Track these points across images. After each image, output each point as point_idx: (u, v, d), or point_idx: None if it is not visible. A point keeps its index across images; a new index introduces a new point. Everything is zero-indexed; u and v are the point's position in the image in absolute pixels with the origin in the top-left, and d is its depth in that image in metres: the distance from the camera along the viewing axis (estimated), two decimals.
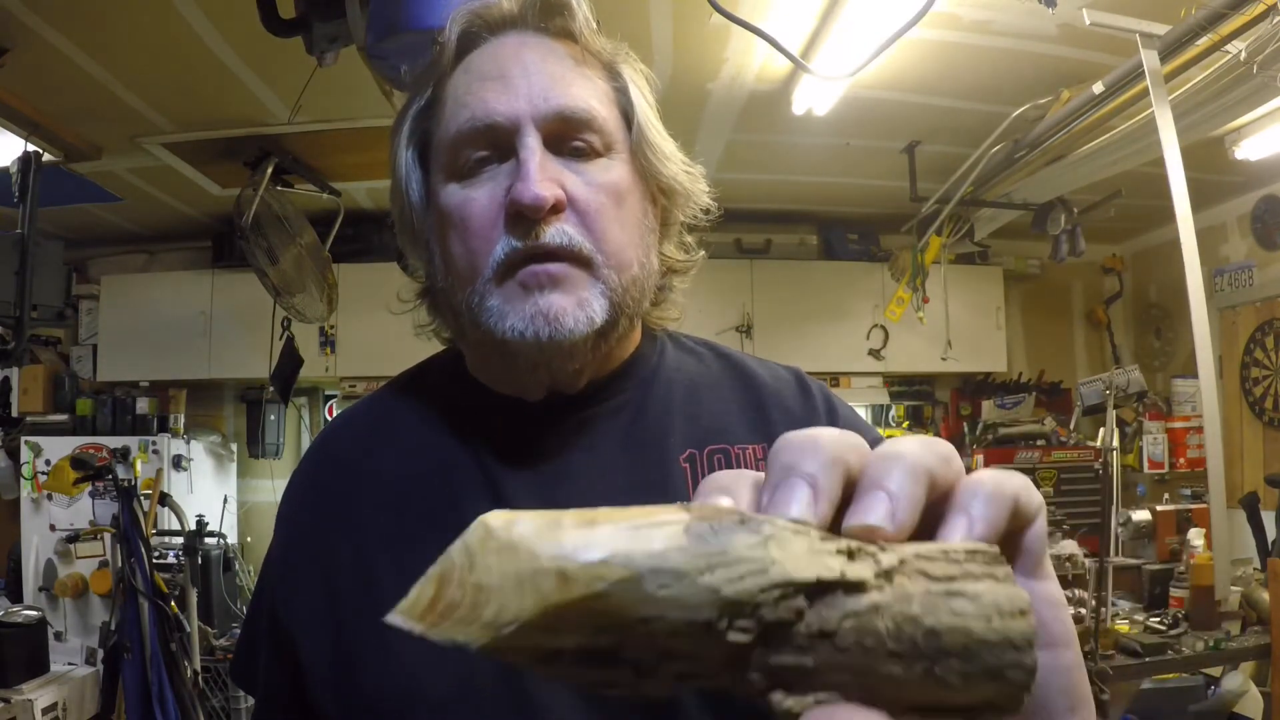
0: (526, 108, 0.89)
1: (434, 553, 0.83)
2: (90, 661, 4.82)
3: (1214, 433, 3.19)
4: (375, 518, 0.96)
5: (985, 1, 3.06)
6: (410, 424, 1.02)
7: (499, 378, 0.99)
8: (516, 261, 0.88)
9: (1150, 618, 3.56)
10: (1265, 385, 5.09)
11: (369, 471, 0.99)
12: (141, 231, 5.66)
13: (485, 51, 0.93)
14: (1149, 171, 3.62)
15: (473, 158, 0.90)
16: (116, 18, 3.02)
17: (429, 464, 0.98)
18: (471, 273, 0.90)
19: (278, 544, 1.04)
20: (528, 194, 0.85)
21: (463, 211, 0.90)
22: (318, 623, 0.94)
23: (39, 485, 5.05)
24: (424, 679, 0.88)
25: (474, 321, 0.91)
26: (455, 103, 0.92)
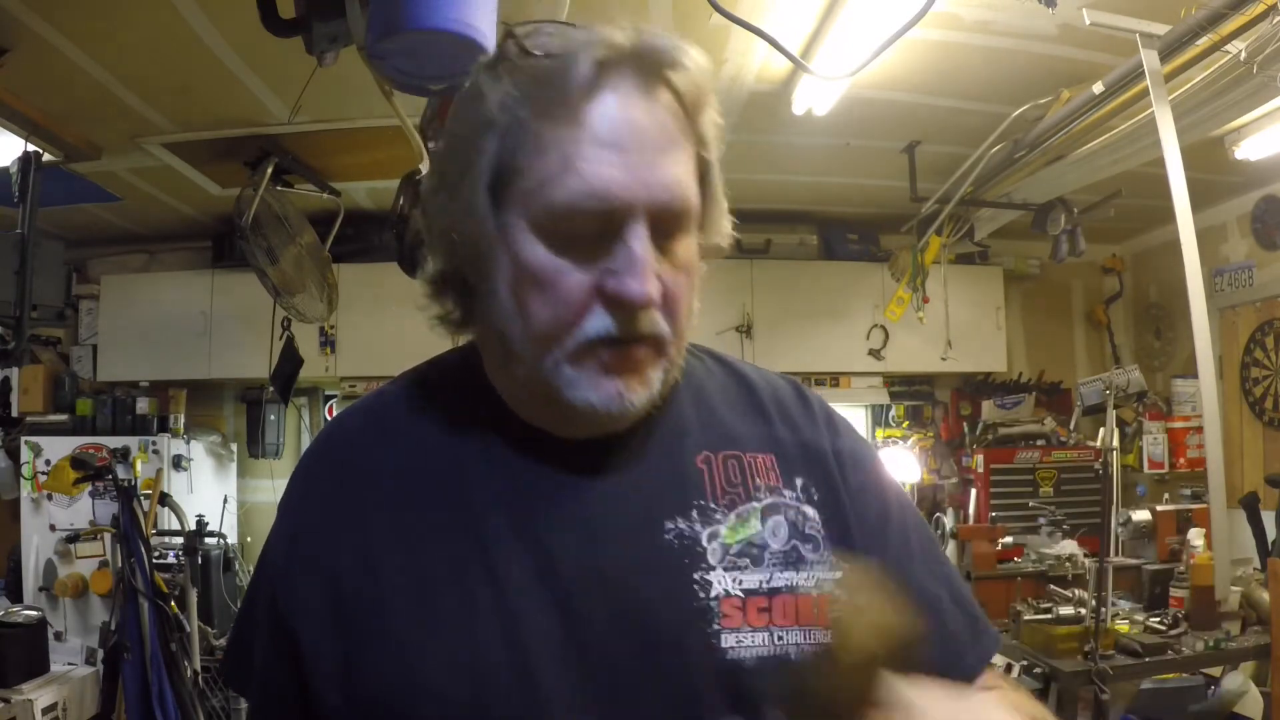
0: (641, 194, 0.87)
1: (443, 553, 0.85)
2: (90, 661, 4.82)
3: (1214, 433, 3.19)
4: (382, 517, 0.95)
5: (985, 1, 3.06)
6: (420, 425, 1.01)
7: (535, 414, 0.98)
8: (602, 341, 0.89)
9: (1150, 618, 3.56)
10: (1265, 385, 5.09)
11: (376, 470, 0.98)
12: (141, 231, 5.66)
13: (602, 106, 0.87)
14: (1149, 171, 3.62)
15: (577, 232, 0.88)
16: (116, 18, 3.02)
17: (441, 466, 0.97)
18: (552, 338, 0.90)
19: (279, 541, 1.02)
20: (638, 293, 0.86)
21: (555, 280, 0.89)
22: (322, 620, 0.93)
23: (39, 485, 5.05)
24: (435, 679, 0.88)
25: (539, 377, 0.92)
26: (564, 158, 0.87)
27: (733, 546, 0.95)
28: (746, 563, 0.94)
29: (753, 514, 0.97)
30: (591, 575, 0.91)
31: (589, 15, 3.02)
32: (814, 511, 1.00)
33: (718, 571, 0.93)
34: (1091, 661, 3.17)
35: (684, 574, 0.92)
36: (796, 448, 1.04)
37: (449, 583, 0.91)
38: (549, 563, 0.91)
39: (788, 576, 0.95)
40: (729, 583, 0.93)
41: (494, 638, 0.88)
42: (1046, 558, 3.97)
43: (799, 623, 0.94)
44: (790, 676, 0.90)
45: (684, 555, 0.93)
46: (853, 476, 1.05)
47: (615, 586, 0.91)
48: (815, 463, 1.04)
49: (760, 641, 0.92)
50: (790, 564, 0.96)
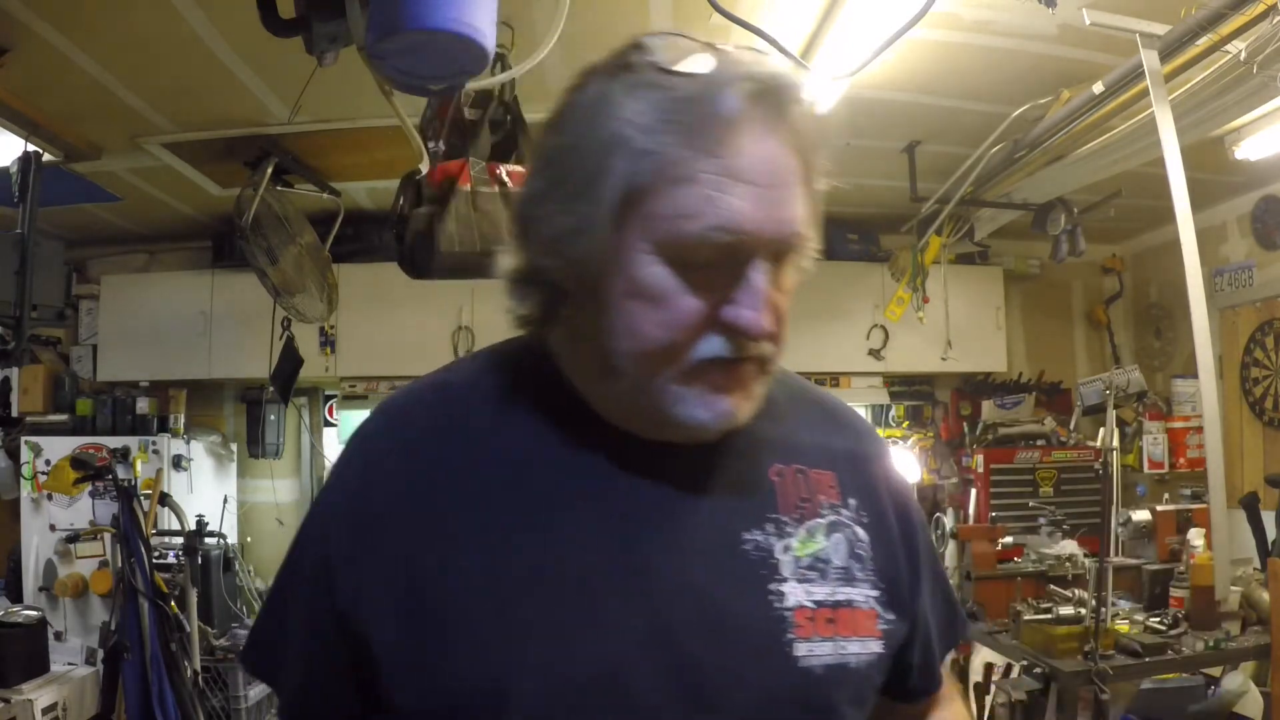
0: (769, 230, 0.88)
1: (527, 553, 0.87)
2: (90, 661, 4.82)
3: (1214, 433, 3.19)
4: (457, 509, 0.94)
5: (985, 1, 3.06)
6: (493, 418, 1.00)
7: (626, 420, 0.98)
8: (714, 363, 0.90)
9: (1150, 618, 3.56)
10: (1265, 385, 5.09)
11: (448, 459, 0.97)
12: (141, 231, 5.66)
13: (742, 140, 0.87)
14: (1149, 171, 3.62)
15: (700, 259, 0.88)
16: (116, 18, 3.02)
17: (519, 463, 0.97)
18: (663, 358, 0.91)
19: (338, 524, 0.99)
20: (757, 325, 0.88)
21: (672, 302, 0.89)
22: (394, 615, 0.92)
23: (39, 485, 5.05)
24: (522, 683, 0.88)
25: (644, 392, 0.93)
26: (701, 189, 0.86)
27: (802, 559, 0.98)
28: (815, 576, 0.98)
29: (819, 529, 1.01)
30: (678, 583, 0.93)
31: (589, 15, 3.00)
32: (864, 533, 1.04)
33: (790, 583, 0.96)
34: (1091, 661, 3.17)
35: (761, 585, 0.95)
36: (851, 470, 1.09)
37: (534, 584, 0.91)
38: (637, 569, 0.92)
39: (846, 591, 1.00)
40: (801, 594, 0.96)
41: (583, 642, 0.89)
42: (1046, 558, 3.96)
43: (857, 634, 0.98)
44: (851, 684, 0.97)
45: (760, 566, 0.96)
46: (896, 509, 1.10)
47: (700, 595, 0.93)
48: (867, 488, 1.08)
49: (827, 651, 0.95)
50: (848, 580, 1.00)
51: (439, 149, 2.98)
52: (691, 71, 0.87)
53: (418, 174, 2.85)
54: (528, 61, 2.52)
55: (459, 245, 2.75)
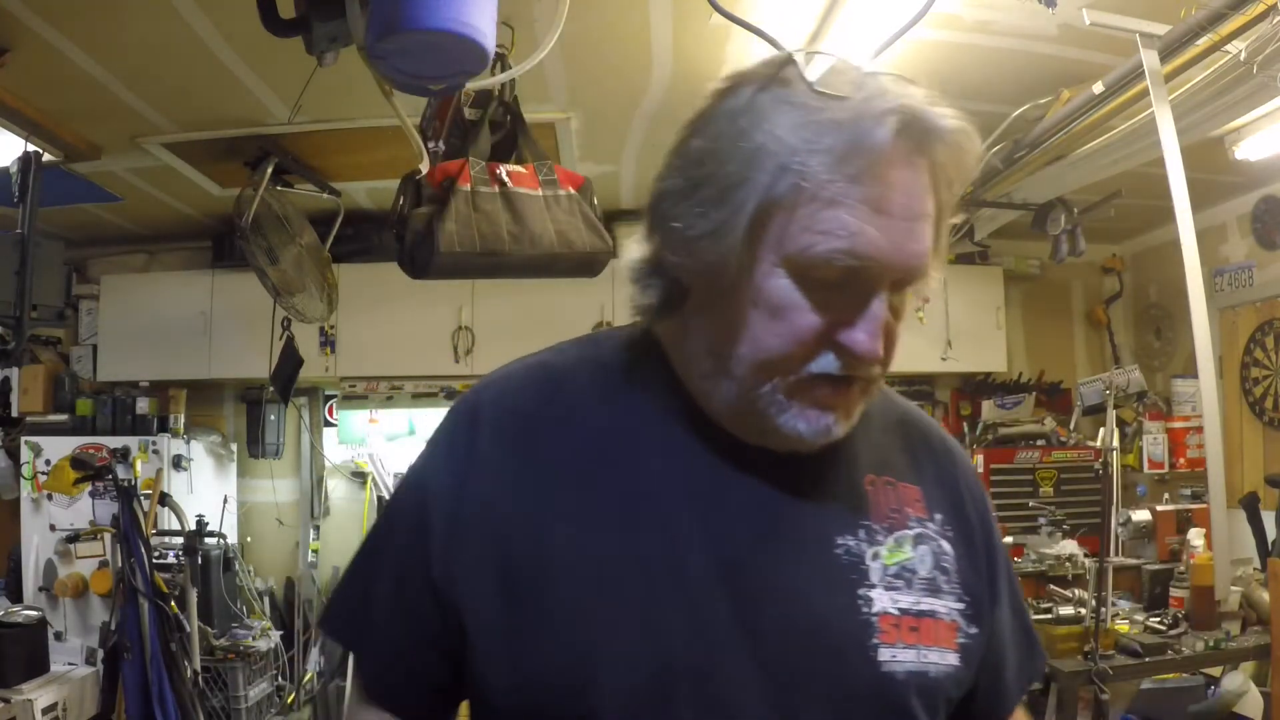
0: (896, 262, 0.89)
1: (626, 539, 0.94)
2: (90, 661, 4.82)
3: (1214, 433, 3.19)
4: (559, 489, 0.97)
5: (986, 1, 3.06)
6: (600, 405, 1.03)
7: (728, 421, 1.00)
8: (822, 379, 0.93)
9: (1150, 618, 3.56)
10: (1265, 385, 5.09)
11: (554, 440, 1.00)
12: (141, 231, 5.66)
13: (885, 171, 0.88)
14: (1149, 171, 3.62)
15: (825, 279, 0.90)
16: (116, 18, 3.02)
17: (625, 451, 1.00)
18: (775, 369, 0.93)
19: (440, 495, 1.01)
20: (871, 351, 0.90)
21: (792, 317, 0.91)
22: (492, 591, 0.95)
23: (39, 485, 5.06)
24: (614, 667, 0.91)
25: (751, 398, 0.95)
26: (837, 213, 0.87)
27: (890, 568, 1.00)
28: (901, 584, 1.00)
29: (907, 540, 1.03)
30: (771, 581, 0.95)
31: (589, 15, 3.02)
32: (949, 547, 1.06)
33: (878, 590, 0.98)
34: (1091, 661, 3.17)
35: (850, 589, 0.97)
36: (938, 485, 1.11)
37: (628, 574, 0.93)
38: (731, 565, 0.94)
39: (930, 602, 1.01)
40: (887, 601, 0.98)
41: (678, 632, 0.91)
42: (1046, 558, 3.96)
43: (937, 644, 1.00)
44: (928, 692, 0.98)
45: (850, 571, 0.98)
46: (980, 526, 1.13)
47: (791, 594, 0.95)
48: (953, 505, 1.11)
49: (909, 658, 0.97)
50: (932, 591, 1.02)
51: (439, 149, 2.99)
52: (845, 96, 0.88)
53: (418, 174, 2.85)
54: (528, 61, 2.52)
55: (459, 245, 2.75)
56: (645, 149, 4.48)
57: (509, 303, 5.29)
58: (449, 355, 5.48)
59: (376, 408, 5.88)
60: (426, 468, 1.05)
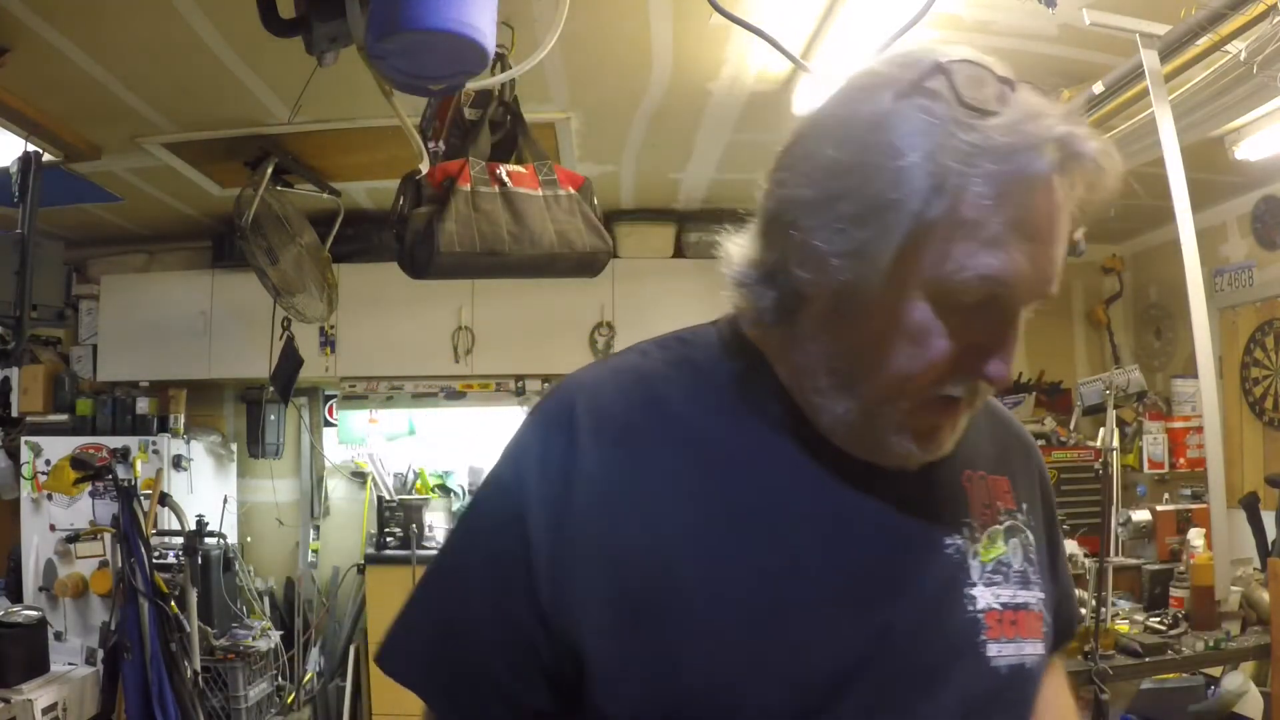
0: (1036, 289, 0.89)
1: (749, 554, 0.92)
2: (90, 661, 4.82)
3: (1214, 433, 3.19)
4: (672, 511, 0.92)
5: (986, 1, 3.06)
6: (702, 413, 0.98)
7: (834, 430, 0.97)
8: (945, 400, 0.92)
9: (1150, 618, 3.56)
10: (1265, 385, 5.08)
11: (658, 448, 0.95)
12: (141, 231, 5.66)
13: (1036, 199, 0.86)
14: (1149, 171, 3.61)
15: (966, 303, 0.87)
16: (116, 18, 3.02)
17: (734, 463, 0.96)
18: (901, 390, 0.90)
19: (538, 526, 0.92)
20: (1002, 376, 0.89)
21: (928, 341, 0.88)
22: (609, 619, 0.89)
23: (39, 485, 5.06)
24: (752, 684, 0.88)
25: (868, 413, 0.93)
26: (986, 239, 0.85)
27: (988, 564, 1.00)
28: (999, 579, 1.00)
29: (1000, 534, 1.03)
30: (894, 587, 0.94)
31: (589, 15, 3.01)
32: (1033, 537, 1.07)
33: (979, 586, 0.98)
34: (1091, 661, 3.17)
35: (959, 588, 0.97)
36: (1022, 475, 1.12)
37: (763, 588, 0.91)
38: (858, 574, 0.93)
39: (1023, 595, 1.02)
40: (989, 597, 0.98)
41: (815, 646, 0.90)
42: None
43: (1031, 635, 1.00)
44: (1029, 683, 1.00)
45: (957, 570, 0.98)
46: (1052, 520, 1.14)
47: (913, 598, 0.94)
48: (1032, 493, 1.12)
49: (1011, 651, 0.97)
50: (1023, 583, 1.02)
51: (439, 149, 2.99)
52: (995, 111, 0.84)
53: (418, 174, 2.85)
54: (528, 61, 2.52)
55: (459, 245, 2.75)
56: (645, 149, 4.48)
57: (509, 303, 5.29)
58: (449, 355, 5.49)
59: (376, 408, 5.88)
60: (518, 477, 0.96)
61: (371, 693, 5.31)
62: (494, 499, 0.99)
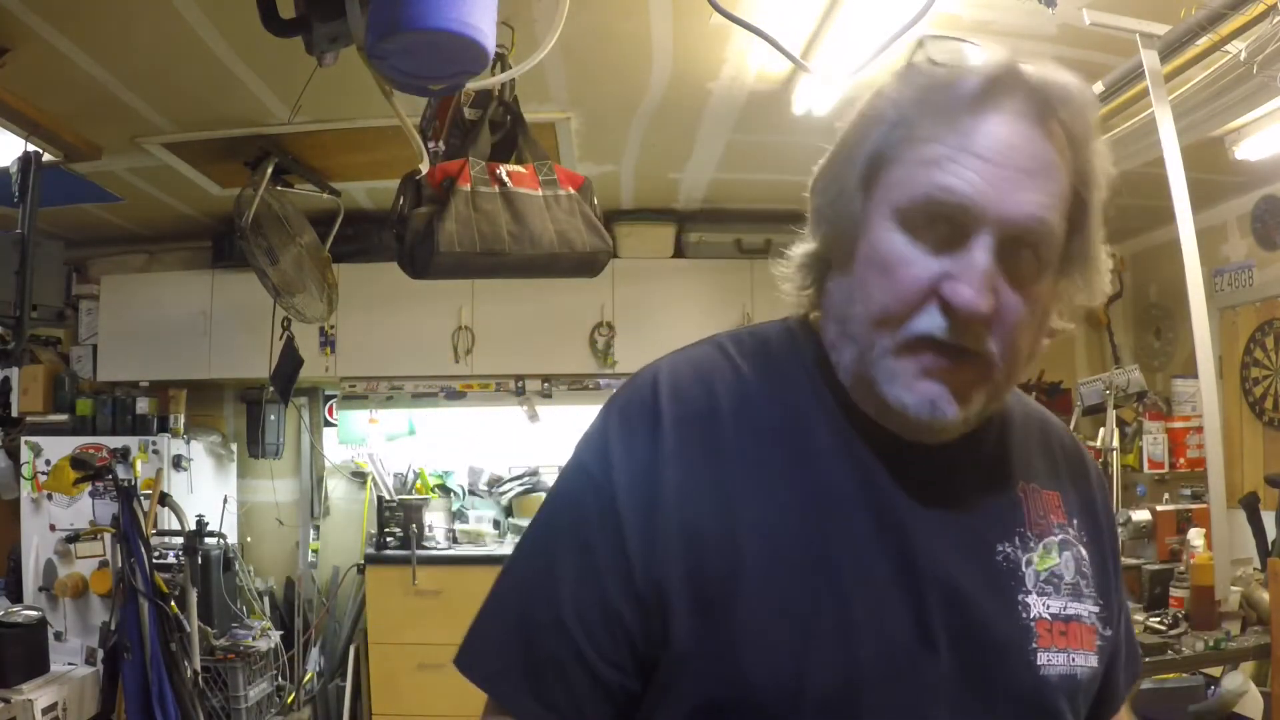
0: (996, 205, 0.89)
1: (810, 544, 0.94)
2: (90, 661, 4.82)
3: (1214, 433, 3.19)
4: (742, 492, 0.95)
5: (986, 1, 3.06)
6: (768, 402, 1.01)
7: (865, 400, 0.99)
8: (929, 342, 0.92)
9: (1150, 618, 3.56)
10: (1265, 385, 5.08)
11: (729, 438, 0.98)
12: (141, 231, 5.67)
13: (982, 120, 0.91)
14: (1149, 171, 3.61)
15: (926, 221, 0.92)
16: (117, 17, 3.02)
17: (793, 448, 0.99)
18: (884, 324, 0.93)
19: (632, 497, 0.96)
20: (968, 300, 0.89)
21: (899, 268, 0.92)
22: (685, 598, 0.92)
23: (39, 485, 5.06)
24: (811, 672, 0.90)
25: (863, 361, 0.96)
26: (934, 155, 0.91)
27: (1041, 574, 1.02)
28: (1051, 590, 1.01)
29: (1054, 546, 1.04)
30: (944, 585, 0.95)
31: (589, 15, 3.01)
32: (1085, 552, 1.08)
33: (1033, 595, 1.00)
34: None
35: (1011, 595, 0.99)
36: (1074, 489, 1.12)
37: (821, 579, 0.93)
38: (907, 569, 0.95)
39: (1075, 606, 1.03)
40: (1040, 606, 1.00)
41: (869, 638, 0.92)
42: None
43: (1082, 647, 1.02)
44: (1078, 694, 1.01)
45: (1009, 577, 1.00)
46: (1108, 529, 1.15)
47: (962, 598, 0.95)
48: (1088, 511, 1.12)
49: (1061, 661, 0.99)
50: (1075, 595, 1.04)
51: (439, 149, 2.99)
52: (953, 63, 0.94)
53: (417, 174, 2.85)
54: (528, 61, 2.52)
55: (458, 245, 2.75)
56: (645, 149, 4.48)
57: (509, 303, 5.29)
58: (449, 355, 5.49)
59: (376, 408, 5.88)
60: (604, 467, 0.98)
61: (371, 693, 5.30)
62: (581, 490, 1.00)
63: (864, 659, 0.91)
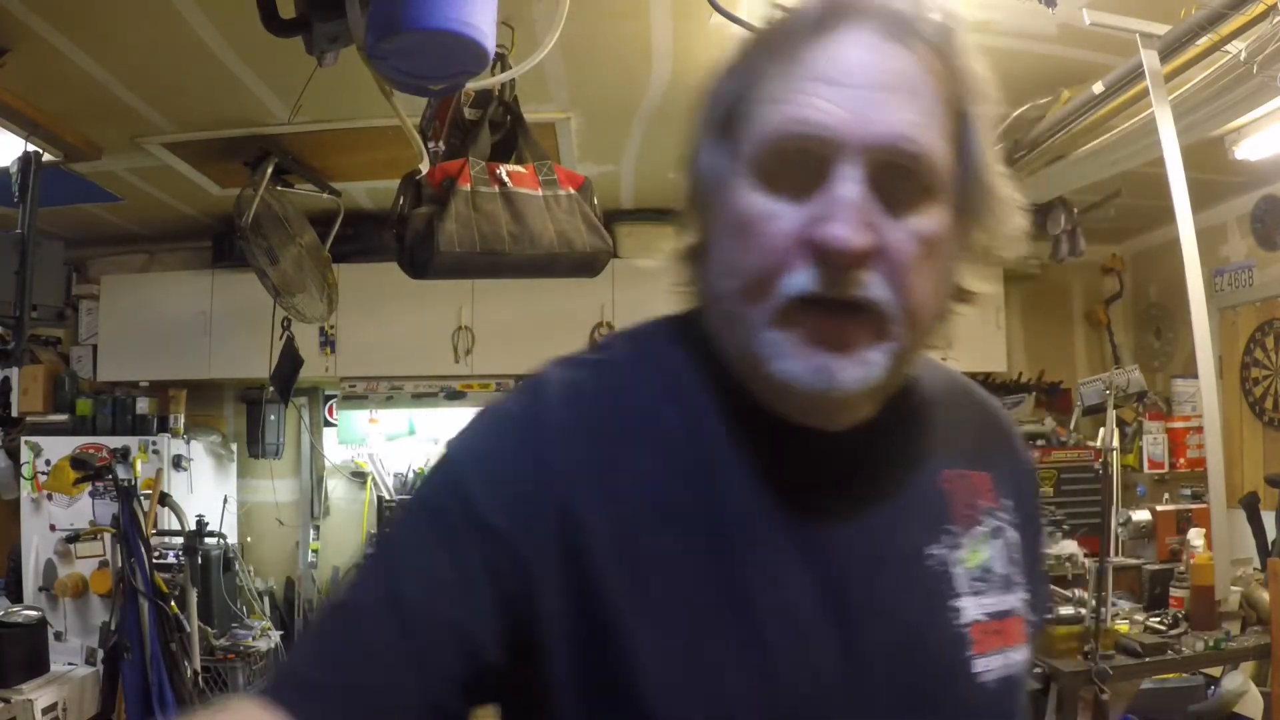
0: (855, 128, 0.79)
1: (721, 570, 0.84)
2: (90, 661, 4.82)
3: (1214, 433, 3.19)
4: (650, 526, 0.84)
5: (985, 1, 3.06)
6: (660, 405, 0.90)
7: (762, 395, 0.88)
8: (809, 303, 0.81)
9: (1150, 618, 3.56)
10: (1265, 385, 5.09)
11: (625, 454, 0.87)
12: (141, 231, 5.66)
13: (826, 46, 0.82)
14: (1149, 171, 3.62)
15: (782, 166, 0.82)
16: (117, 18, 3.02)
17: (702, 465, 0.87)
18: (755, 293, 0.82)
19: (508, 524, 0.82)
20: (837, 237, 0.78)
21: (759, 226, 0.82)
22: (572, 639, 0.82)
23: (39, 485, 5.05)
24: (721, 709, 0.81)
25: (743, 341, 0.85)
26: (779, 91, 0.82)
27: (973, 571, 0.93)
28: (984, 587, 0.93)
29: (984, 537, 0.95)
30: (871, 604, 0.86)
31: (589, 15, 3.01)
32: (1016, 534, 0.99)
33: (965, 597, 0.91)
34: (1092, 661, 3.17)
35: (942, 601, 0.90)
36: (1005, 466, 1.03)
37: (735, 607, 0.83)
38: (830, 589, 0.86)
39: (1008, 600, 0.95)
40: (975, 609, 0.91)
41: (787, 669, 0.83)
42: (1046, 558, 3.97)
43: (1017, 642, 0.94)
44: (1017, 693, 0.94)
45: (940, 581, 0.91)
46: (1035, 510, 1.06)
47: (891, 616, 0.87)
48: (1016, 484, 1.03)
49: (999, 664, 0.91)
50: (1007, 588, 0.95)
51: (439, 149, 2.99)
52: (794, 5, 0.86)
53: (417, 174, 2.86)
54: (528, 61, 2.52)
55: (459, 245, 2.75)
56: (645, 149, 4.48)
57: (509, 303, 5.28)
58: (449, 355, 5.48)
59: (376, 408, 5.87)
60: (473, 463, 0.88)
61: None
62: (454, 498, 0.85)
63: (788, 696, 0.82)
